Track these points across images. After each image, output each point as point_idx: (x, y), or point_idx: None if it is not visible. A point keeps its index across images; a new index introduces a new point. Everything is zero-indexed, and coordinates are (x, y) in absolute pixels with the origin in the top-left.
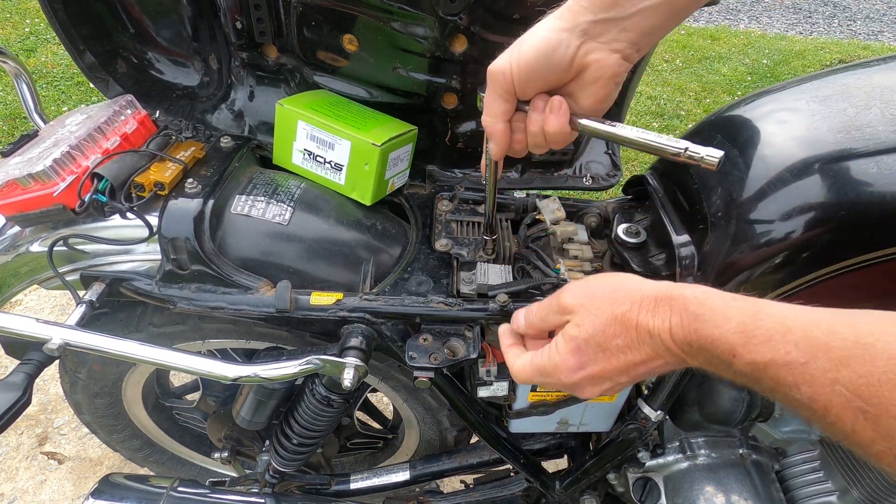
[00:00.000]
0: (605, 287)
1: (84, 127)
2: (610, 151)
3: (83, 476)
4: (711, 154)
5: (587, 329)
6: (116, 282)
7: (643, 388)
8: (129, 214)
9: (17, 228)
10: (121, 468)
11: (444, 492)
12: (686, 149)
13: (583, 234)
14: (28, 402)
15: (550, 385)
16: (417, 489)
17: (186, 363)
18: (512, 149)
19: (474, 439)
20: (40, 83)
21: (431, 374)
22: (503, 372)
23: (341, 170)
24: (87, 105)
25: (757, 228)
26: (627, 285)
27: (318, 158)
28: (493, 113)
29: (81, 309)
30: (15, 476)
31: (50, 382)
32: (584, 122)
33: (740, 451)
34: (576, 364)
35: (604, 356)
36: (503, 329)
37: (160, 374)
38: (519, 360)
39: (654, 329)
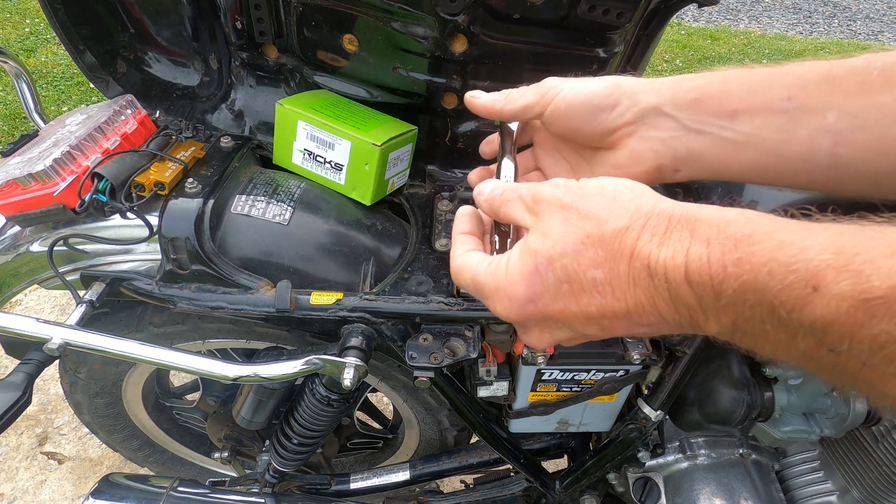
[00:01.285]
0: (600, 189)
1: (84, 127)
2: None
3: (83, 476)
4: None
5: (554, 243)
6: (116, 282)
7: (643, 388)
8: (129, 214)
9: (17, 228)
10: (121, 468)
11: (444, 492)
12: None
13: None
14: (28, 402)
15: (490, 307)
16: (417, 489)
17: (186, 363)
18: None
19: (474, 439)
20: (40, 83)
21: (431, 374)
22: (503, 372)
23: (341, 170)
24: (87, 105)
25: None
26: (633, 193)
27: (318, 158)
28: (512, 94)
29: (81, 309)
30: (15, 476)
31: (50, 382)
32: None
33: (740, 451)
34: (525, 295)
35: (569, 290)
36: (464, 211)
37: (160, 374)
38: (462, 257)
39: (658, 263)
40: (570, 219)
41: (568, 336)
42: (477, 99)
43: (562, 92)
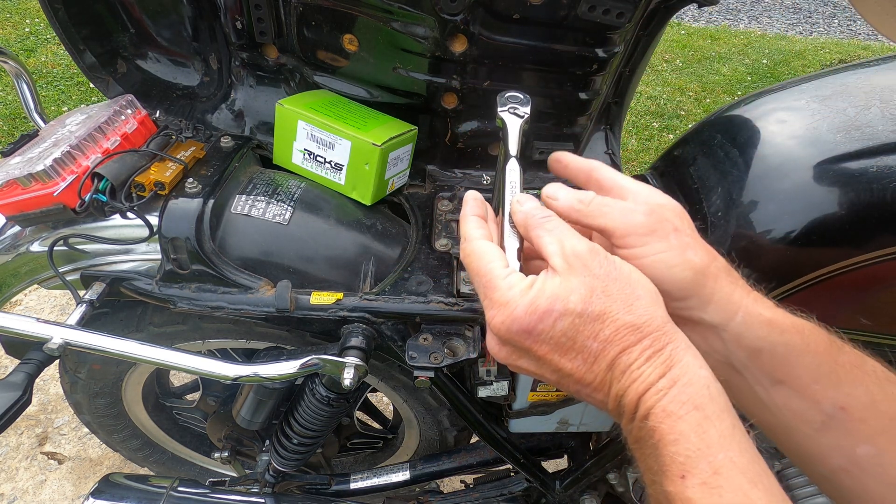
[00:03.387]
0: (627, 279)
1: (84, 127)
2: (610, 151)
3: (83, 476)
4: None
5: (576, 303)
6: (117, 281)
7: None
8: (129, 214)
9: (17, 228)
10: (121, 468)
11: (444, 492)
12: None
13: None
14: (28, 402)
15: (486, 307)
16: (417, 489)
17: (187, 363)
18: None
19: (474, 439)
20: (40, 83)
21: (431, 374)
22: (503, 372)
23: (341, 170)
24: (87, 105)
25: (756, 228)
26: (652, 298)
27: (318, 158)
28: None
29: (82, 309)
30: (15, 476)
31: (50, 382)
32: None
33: None
34: (528, 324)
35: (564, 344)
36: (474, 195)
37: (160, 374)
38: (482, 244)
39: (635, 372)
40: (595, 291)
41: (527, 369)
42: (555, 202)
43: (643, 249)
